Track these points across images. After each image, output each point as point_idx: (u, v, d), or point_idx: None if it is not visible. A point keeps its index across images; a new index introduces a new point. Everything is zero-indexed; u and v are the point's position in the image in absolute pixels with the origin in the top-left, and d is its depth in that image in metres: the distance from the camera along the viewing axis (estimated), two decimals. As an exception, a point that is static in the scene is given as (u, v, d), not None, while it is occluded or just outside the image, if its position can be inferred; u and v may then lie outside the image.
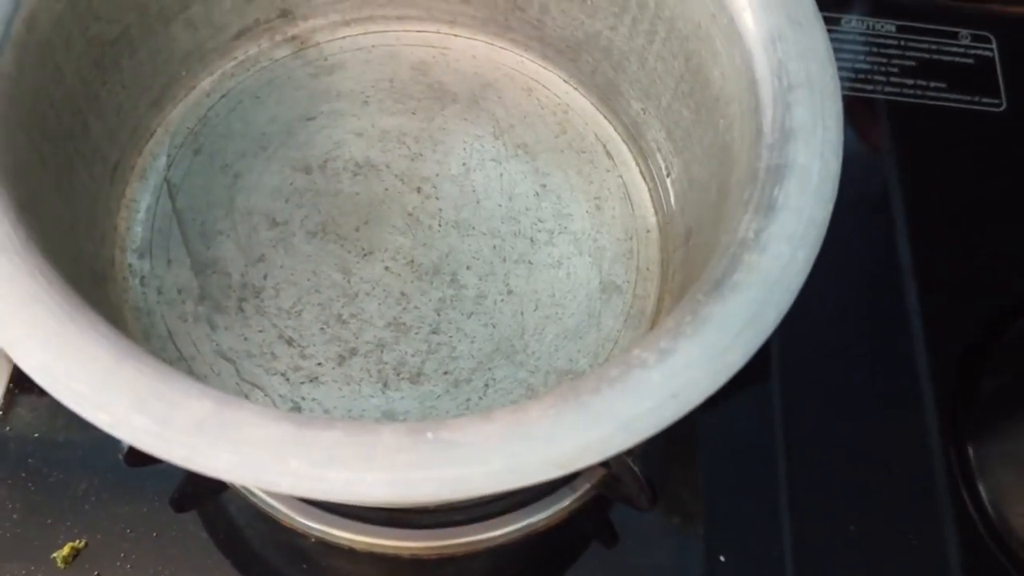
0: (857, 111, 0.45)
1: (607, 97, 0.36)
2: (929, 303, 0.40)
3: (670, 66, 0.32)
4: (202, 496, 0.35)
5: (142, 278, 0.32)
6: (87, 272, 0.29)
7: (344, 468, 0.20)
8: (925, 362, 0.39)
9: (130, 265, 0.32)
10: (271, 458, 0.20)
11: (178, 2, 0.32)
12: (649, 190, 0.35)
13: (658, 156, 0.34)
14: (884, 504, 0.36)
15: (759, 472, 0.37)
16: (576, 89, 0.37)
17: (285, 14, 0.35)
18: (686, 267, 0.32)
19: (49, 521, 0.34)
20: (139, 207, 0.33)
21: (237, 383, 0.31)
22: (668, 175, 0.34)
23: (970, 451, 0.39)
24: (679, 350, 0.22)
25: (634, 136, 0.35)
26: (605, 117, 0.36)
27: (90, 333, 0.21)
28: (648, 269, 0.34)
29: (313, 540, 0.35)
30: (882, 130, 0.44)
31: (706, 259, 0.28)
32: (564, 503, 0.36)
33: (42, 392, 0.20)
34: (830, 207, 0.24)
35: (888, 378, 0.39)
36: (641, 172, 0.35)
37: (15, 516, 0.34)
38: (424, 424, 0.21)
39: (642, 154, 0.35)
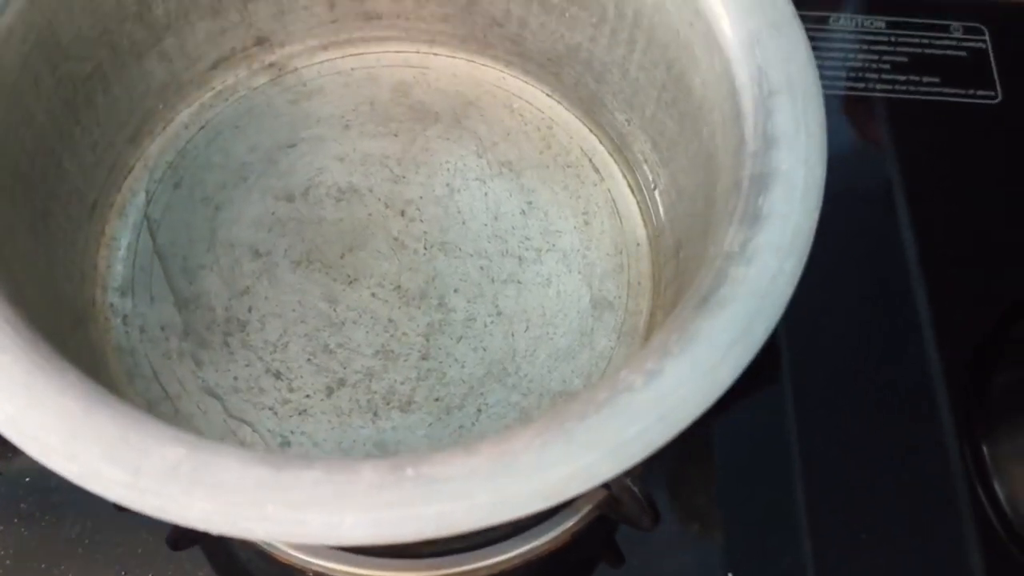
0: (853, 109, 0.44)
1: (591, 110, 0.35)
2: (937, 300, 0.40)
3: (652, 76, 0.31)
4: (199, 533, 0.34)
5: (124, 317, 0.31)
6: (67, 314, 0.29)
7: (323, 510, 0.19)
8: (936, 361, 0.39)
9: (111, 304, 0.31)
10: (247, 503, 0.19)
11: (150, 35, 0.31)
12: (638, 203, 0.34)
13: (645, 167, 0.34)
14: (900, 507, 0.36)
15: (773, 479, 0.36)
16: (559, 103, 0.36)
17: (261, 41, 0.35)
18: (678, 280, 0.31)
19: (43, 566, 0.33)
20: (119, 245, 0.32)
21: (225, 420, 0.30)
22: (655, 187, 0.33)
23: (985, 449, 0.38)
24: (667, 370, 0.21)
25: (620, 148, 0.35)
26: (590, 130, 0.36)
27: (58, 382, 0.20)
28: (639, 284, 0.33)
29: (312, 575, 0.34)
30: (879, 126, 0.43)
31: (696, 272, 0.27)
32: (567, 524, 0.35)
33: (11, 444, 0.20)
34: (816, 215, 0.24)
35: (900, 379, 0.38)
36: (629, 185, 0.35)
37: (8, 562, 0.33)
38: (405, 459, 0.20)
39: (629, 166, 0.35)
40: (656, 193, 0.33)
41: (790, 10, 0.26)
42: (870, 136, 0.43)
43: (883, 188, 0.42)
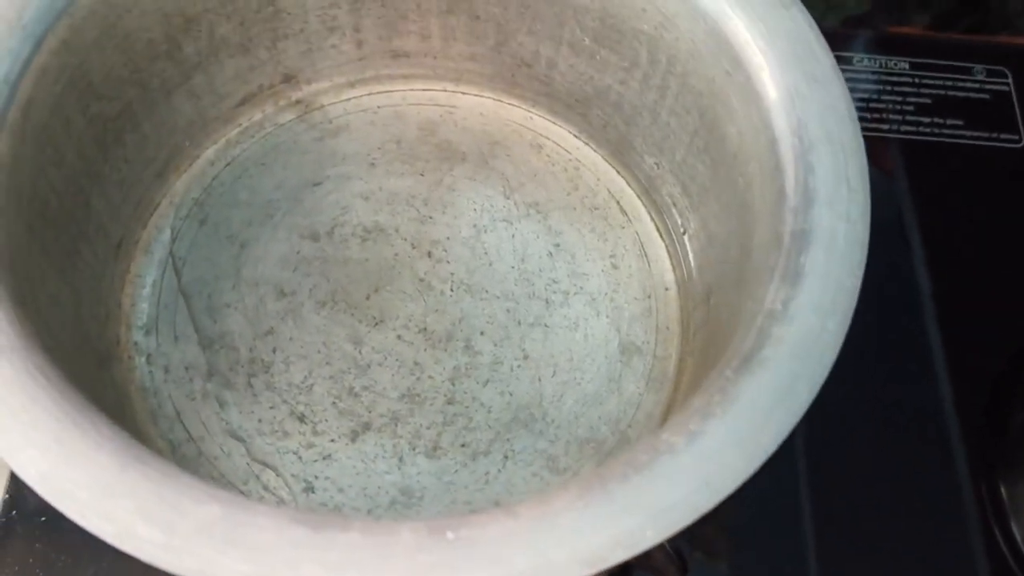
0: (872, 148, 0.44)
1: (619, 151, 0.35)
2: (952, 341, 0.39)
3: (684, 121, 0.31)
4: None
5: (148, 356, 0.31)
6: (91, 354, 0.28)
7: (361, 572, 0.19)
8: (950, 400, 0.38)
9: (136, 343, 0.31)
10: (284, 564, 0.19)
11: (180, 73, 0.31)
12: (666, 246, 0.34)
13: (674, 211, 0.33)
14: (914, 546, 0.35)
15: (784, 514, 0.36)
16: (587, 144, 0.36)
17: (288, 79, 0.35)
18: (708, 327, 0.31)
19: (58, 607, 0.33)
20: (144, 282, 0.32)
21: (248, 463, 0.30)
22: (685, 231, 0.33)
23: (1003, 490, 0.37)
24: (709, 432, 0.21)
25: (648, 191, 0.35)
26: (618, 172, 0.35)
27: (93, 436, 0.20)
28: (668, 328, 0.33)
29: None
30: (896, 163, 0.43)
31: (730, 321, 0.27)
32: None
33: (43, 501, 0.20)
34: (860, 272, 0.23)
35: (914, 414, 0.38)
36: (657, 228, 0.34)
37: (23, 603, 0.33)
38: (445, 522, 0.20)
39: (657, 209, 0.34)
40: (685, 237, 0.33)
41: (830, 62, 0.26)
42: (884, 167, 0.43)
43: (900, 228, 0.42)
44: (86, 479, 0.19)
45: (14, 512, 0.34)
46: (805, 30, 0.26)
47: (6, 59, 0.24)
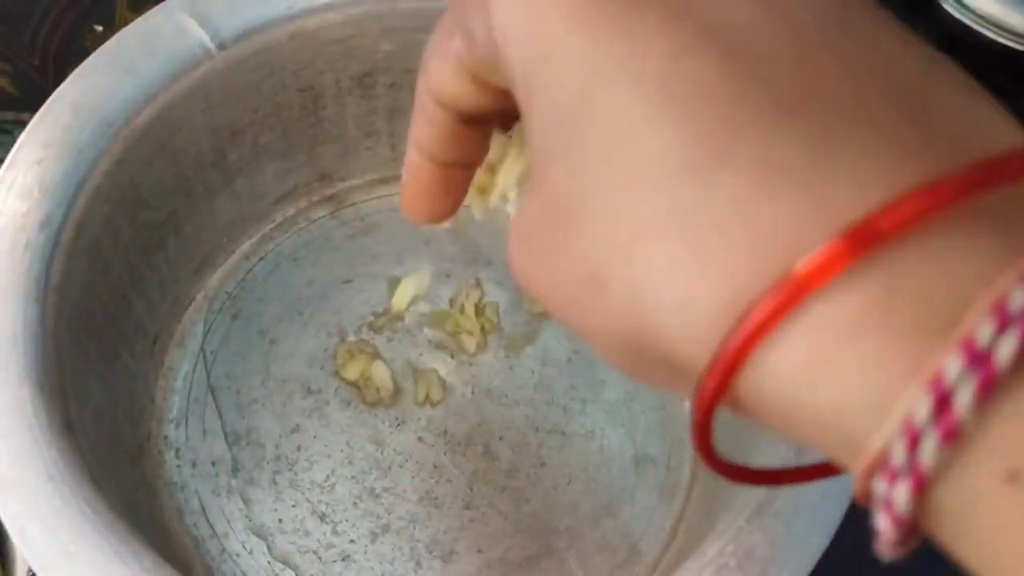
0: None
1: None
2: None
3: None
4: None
5: (177, 450, 0.32)
6: (125, 452, 0.29)
7: None
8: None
9: (166, 437, 0.32)
10: None
11: (223, 177, 0.32)
12: (682, 357, 0.35)
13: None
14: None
15: None
16: (609, 251, 0.37)
17: (323, 177, 0.36)
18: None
19: None
20: (176, 376, 0.33)
21: (269, 562, 0.31)
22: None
23: None
24: (723, 585, 0.22)
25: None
26: (638, 281, 0.36)
27: (135, 568, 0.21)
28: (682, 440, 0.34)
29: None
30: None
31: (745, 440, 0.28)
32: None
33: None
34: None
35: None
36: (674, 339, 0.35)
37: None
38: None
39: (675, 320, 0.35)
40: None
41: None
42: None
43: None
44: (127, 613, 0.20)
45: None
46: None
47: (62, 184, 0.25)
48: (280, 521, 0.31)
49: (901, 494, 0.11)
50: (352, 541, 0.31)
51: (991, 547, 0.11)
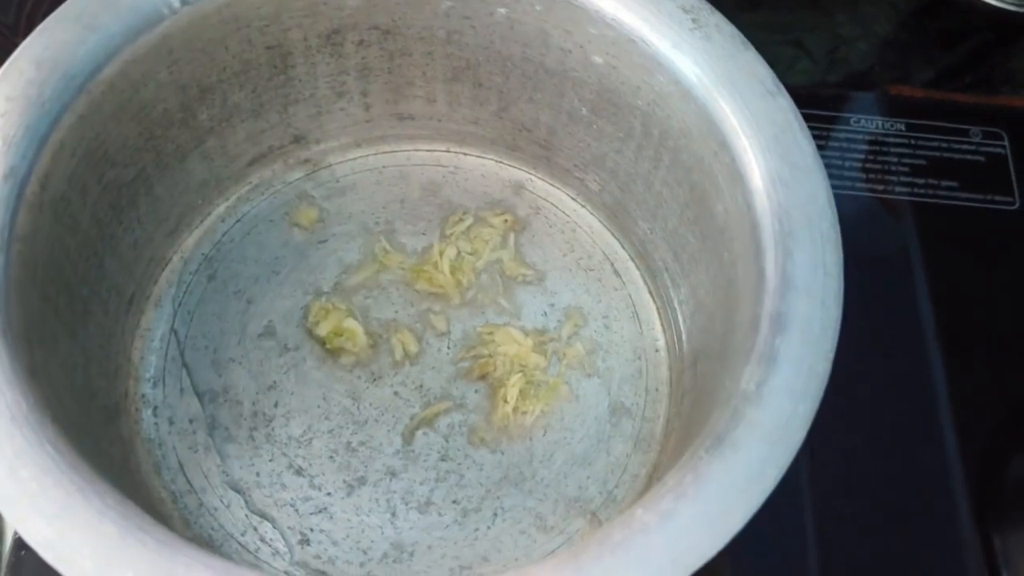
0: (876, 207, 0.45)
1: (615, 215, 0.36)
2: (957, 395, 0.40)
3: (675, 192, 0.32)
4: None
5: (154, 408, 0.32)
6: (99, 410, 0.30)
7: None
8: (955, 453, 0.39)
9: (143, 395, 0.32)
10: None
11: (193, 138, 0.32)
12: (657, 309, 0.35)
13: (665, 276, 0.35)
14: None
15: (790, 564, 0.36)
16: (584, 207, 0.37)
17: (298, 139, 0.36)
18: (694, 391, 0.32)
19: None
20: (153, 336, 0.33)
21: (246, 515, 0.31)
22: (676, 295, 0.34)
23: (996, 542, 0.38)
24: (680, 512, 0.22)
25: (642, 255, 0.36)
26: (613, 235, 0.37)
27: (98, 505, 0.21)
28: (657, 390, 0.34)
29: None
30: (903, 223, 0.44)
31: (712, 390, 0.28)
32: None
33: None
34: (831, 357, 0.24)
35: (917, 470, 0.38)
36: (649, 291, 0.35)
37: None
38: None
39: (650, 272, 0.35)
40: (676, 301, 0.34)
41: (813, 152, 0.27)
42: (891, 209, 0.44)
43: (907, 292, 0.43)
44: (89, 548, 0.21)
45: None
46: (790, 119, 0.27)
47: (25, 137, 0.25)
48: (257, 475, 0.32)
49: None
50: (329, 494, 0.31)
51: None
